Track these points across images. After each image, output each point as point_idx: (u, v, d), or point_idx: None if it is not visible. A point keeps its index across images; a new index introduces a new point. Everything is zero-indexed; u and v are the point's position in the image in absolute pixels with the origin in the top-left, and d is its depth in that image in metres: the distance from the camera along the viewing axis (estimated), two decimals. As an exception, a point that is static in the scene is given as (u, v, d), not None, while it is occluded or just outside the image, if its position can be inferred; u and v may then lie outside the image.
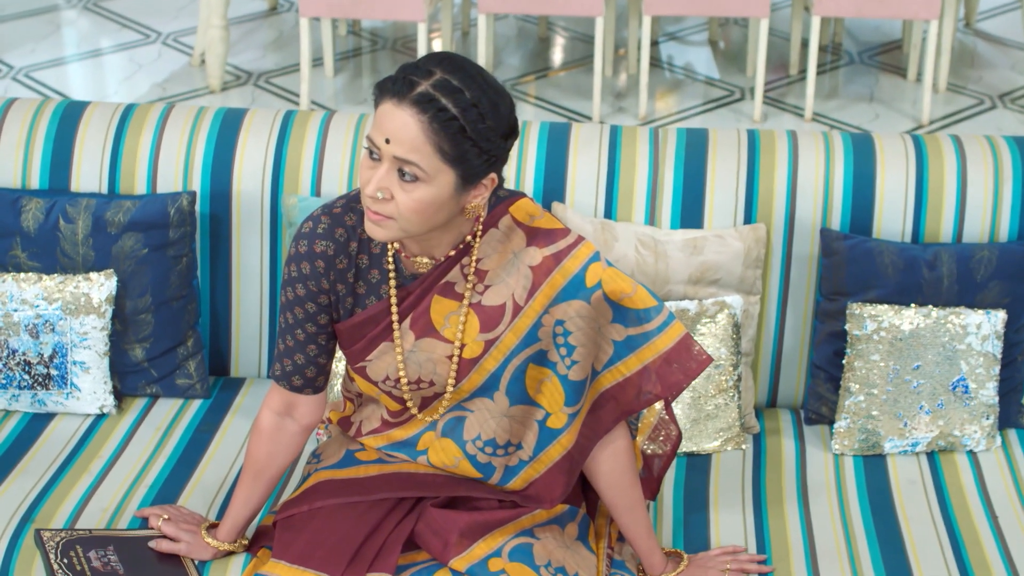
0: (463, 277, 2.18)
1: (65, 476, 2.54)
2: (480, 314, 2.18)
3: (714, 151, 2.78)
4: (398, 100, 1.96)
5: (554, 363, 2.19)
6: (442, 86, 1.96)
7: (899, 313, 2.63)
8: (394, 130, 1.96)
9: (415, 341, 2.20)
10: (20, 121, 2.82)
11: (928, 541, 2.42)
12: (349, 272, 2.18)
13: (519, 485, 2.27)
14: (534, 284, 2.16)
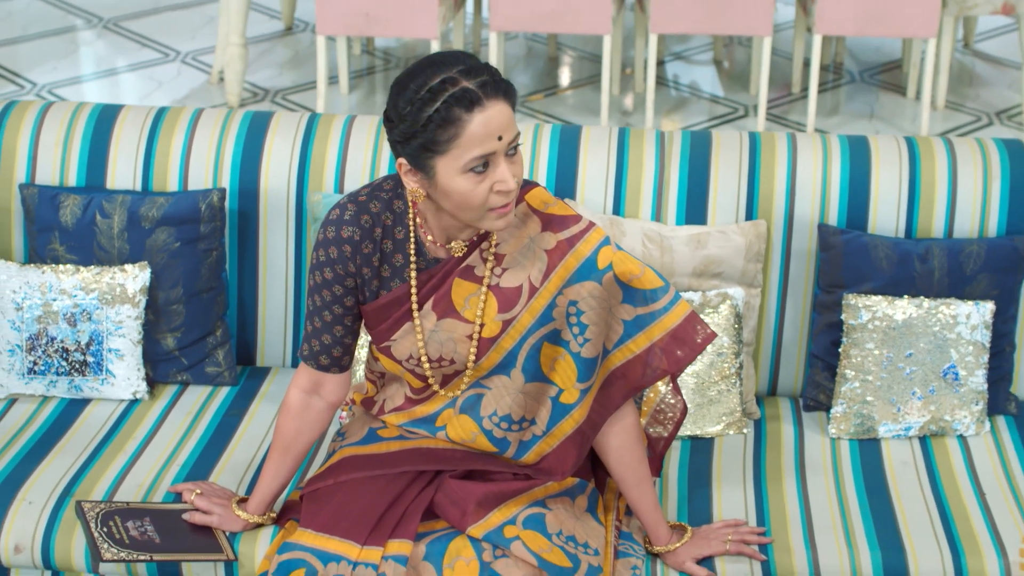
0: (482, 261, 2.33)
1: (101, 456, 2.68)
2: (498, 295, 2.33)
3: (717, 152, 2.92)
4: (487, 102, 2.12)
5: (567, 341, 2.33)
6: (495, 75, 2.15)
7: (892, 304, 2.77)
8: (502, 125, 2.13)
9: (437, 321, 2.35)
10: (58, 123, 2.97)
11: (919, 516, 2.55)
12: (374, 256, 2.33)
13: (532, 459, 2.41)
14: (549, 267, 2.31)
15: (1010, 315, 2.82)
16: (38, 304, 2.79)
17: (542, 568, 2.28)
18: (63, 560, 2.49)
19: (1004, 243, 2.81)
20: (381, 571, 2.27)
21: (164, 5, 6.83)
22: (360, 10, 5.17)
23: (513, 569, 2.27)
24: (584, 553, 2.34)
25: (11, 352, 2.81)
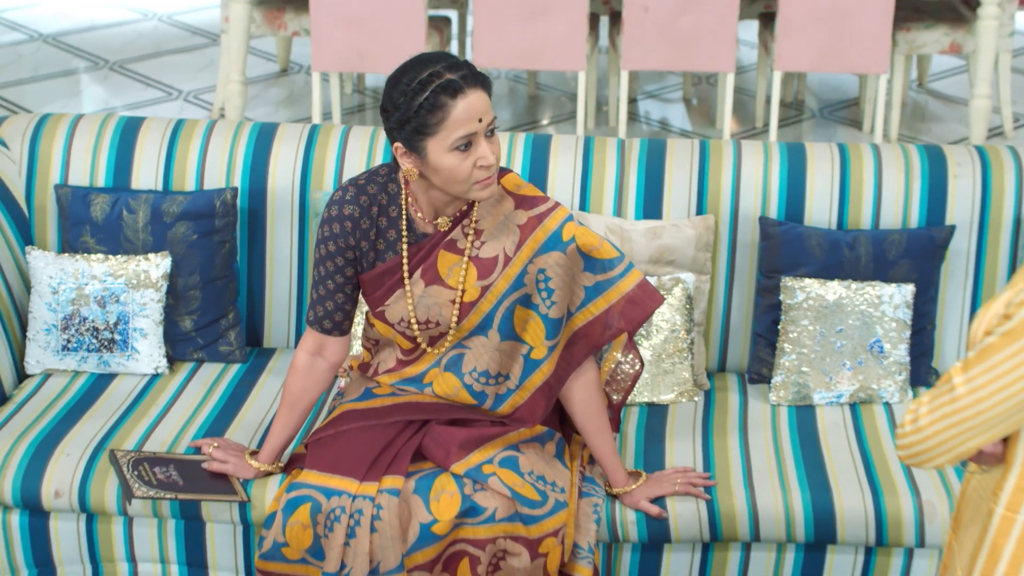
0: (464, 235, 2.71)
1: (128, 419, 3.04)
2: (478, 265, 2.71)
3: (671, 156, 3.32)
4: (467, 90, 2.52)
5: (536, 305, 2.71)
6: (470, 68, 2.55)
7: (824, 285, 3.15)
8: (480, 109, 2.53)
9: (425, 288, 2.73)
10: (88, 132, 3.36)
11: (846, 465, 2.92)
12: (371, 231, 2.71)
13: (507, 410, 2.78)
14: (521, 239, 2.69)
15: (929, 296, 3.20)
16: (72, 288, 3.16)
17: (515, 499, 2.64)
18: (97, 504, 2.85)
19: (923, 233, 3.19)
20: (377, 502, 2.64)
21: (166, 49, 7.23)
22: (353, 48, 5.57)
23: (490, 499, 2.64)
24: (552, 490, 2.70)
25: (47, 331, 3.18)
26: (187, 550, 2.91)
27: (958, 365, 1.80)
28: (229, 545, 2.90)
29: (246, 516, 2.83)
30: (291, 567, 2.68)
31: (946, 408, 1.80)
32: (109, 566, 2.94)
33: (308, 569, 2.68)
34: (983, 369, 1.76)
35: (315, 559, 2.66)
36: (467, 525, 2.63)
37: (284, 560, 2.68)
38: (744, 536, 2.83)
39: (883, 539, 2.82)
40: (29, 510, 2.91)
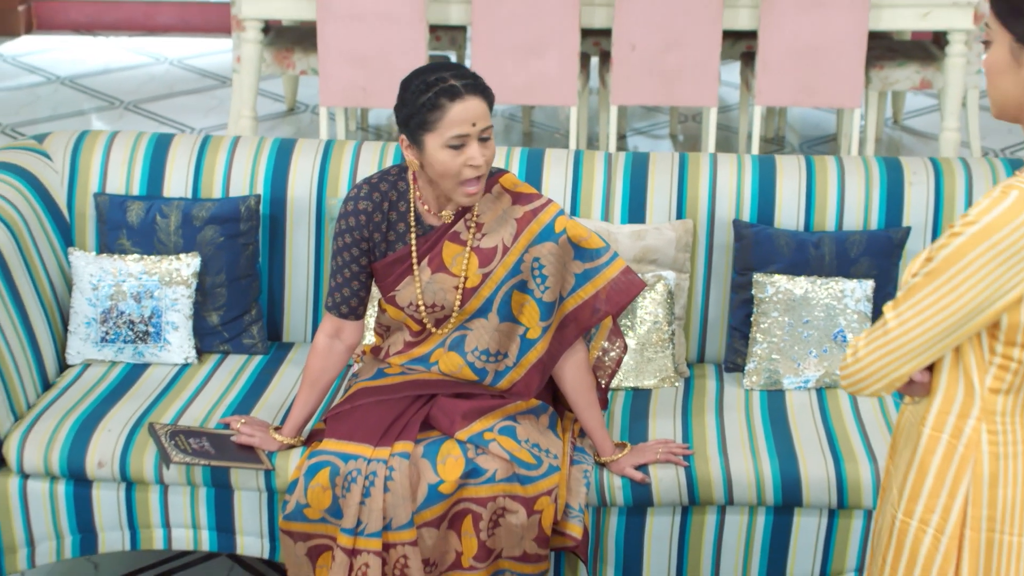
0: (466, 228, 3.05)
1: (162, 401, 3.36)
2: (479, 254, 3.04)
3: (653, 167, 3.65)
4: (468, 96, 2.87)
5: (531, 290, 3.04)
6: (475, 79, 2.88)
7: (792, 281, 3.48)
8: (475, 114, 2.87)
9: (431, 275, 3.06)
10: (123, 147, 3.69)
11: (811, 438, 3.24)
12: (383, 224, 3.04)
13: (505, 385, 3.10)
14: (518, 231, 3.03)
15: (888, 291, 3.53)
16: (110, 285, 3.49)
17: (513, 462, 2.96)
18: (136, 473, 3.17)
19: (882, 234, 3.53)
20: (389, 464, 2.95)
21: (177, 90, 7.59)
22: (358, 84, 5.92)
23: (490, 462, 2.96)
24: (546, 456, 3.02)
25: (87, 324, 3.50)
26: (216, 516, 3.22)
27: (890, 304, 2.13)
28: (255, 511, 3.21)
29: (271, 484, 3.15)
30: (312, 526, 2.99)
31: (880, 340, 2.12)
32: (146, 531, 3.25)
33: (327, 527, 2.99)
34: (909, 305, 2.09)
35: (333, 518, 2.97)
36: (470, 485, 2.95)
37: (306, 520, 2.98)
38: (719, 500, 3.14)
39: (844, 502, 3.14)
40: (74, 480, 3.21)
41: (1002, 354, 2.09)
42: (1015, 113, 2.09)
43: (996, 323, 2.07)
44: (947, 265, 2.04)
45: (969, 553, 2.15)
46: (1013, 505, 2.13)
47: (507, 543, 2.97)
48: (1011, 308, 2.04)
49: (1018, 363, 2.09)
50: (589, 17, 6.02)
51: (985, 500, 2.13)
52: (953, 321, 2.06)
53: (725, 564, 3.20)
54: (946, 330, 2.07)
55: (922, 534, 2.18)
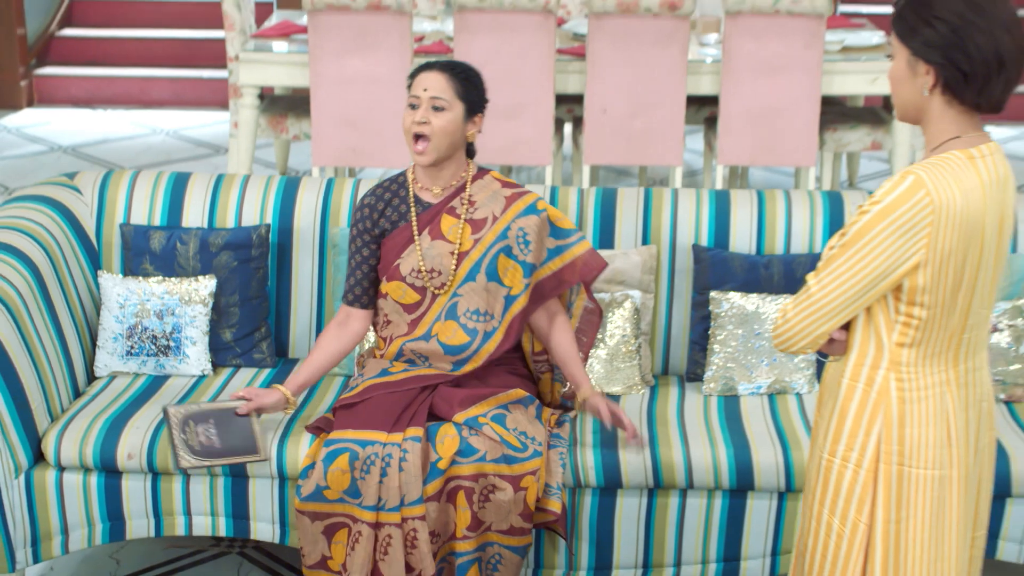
0: (461, 204, 3.54)
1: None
2: (472, 224, 3.53)
3: (621, 200, 4.09)
4: (430, 69, 3.47)
5: (516, 255, 3.54)
6: (453, 62, 3.43)
7: (745, 298, 3.91)
8: (429, 83, 3.45)
9: (431, 242, 3.54)
10: (146, 183, 4.12)
11: (762, 432, 3.65)
12: (386, 210, 3.57)
13: (491, 346, 3.53)
14: (506, 205, 3.55)
15: (830, 308, 3.96)
16: (135, 303, 3.89)
17: (501, 443, 3.37)
18: (162, 464, 3.55)
19: (824, 257, 3.96)
20: (403, 447, 3.35)
21: (174, 158, 8.03)
22: (348, 145, 6.37)
23: (481, 443, 3.36)
24: (531, 443, 3.43)
25: (114, 339, 3.90)
26: (233, 503, 3.60)
27: (812, 273, 2.56)
28: (267, 499, 3.59)
29: (283, 471, 3.53)
30: (330, 506, 3.37)
31: (804, 303, 2.55)
32: (169, 519, 3.63)
33: (345, 507, 3.37)
34: (827, 272, 2.52)
35: (351, 498, 3.36)
36: (462, 464, 3.35)
37: (324, 500, 3.36)
38: (681, 483, 3.54)
39: (792, 486, 3.54)
40: (105, 472, 3.60)
41: (905, 313, 2.52)
42: (914, 115, 2.54)
43: (899, 286, 2.50)
44: (857, 238, 2.47)
45: (883, 484, 2.57)
46: (919, 443, 2.54)
47: (495, 517, 3.37)
48: (910, 273, 2.47)
49: (918, 320, 2.51)
50: (563, 83, 6.49)
51: (895, 438, 2.55)
52: (863, 284, 2.49)
53: (687, 542, 3.59)
54: (858, 292, 2.50)
55: (844, 469, 2.59)
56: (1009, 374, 3.85)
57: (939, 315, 2.51)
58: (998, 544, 3.61)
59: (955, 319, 2.53)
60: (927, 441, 2.55)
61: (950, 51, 2.43)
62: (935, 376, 2.56)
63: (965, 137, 2.49)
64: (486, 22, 6.26)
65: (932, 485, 2.56)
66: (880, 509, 2.58)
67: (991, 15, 2.41)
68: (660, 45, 6.29)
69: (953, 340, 2.55)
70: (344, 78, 6.31)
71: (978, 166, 2.47)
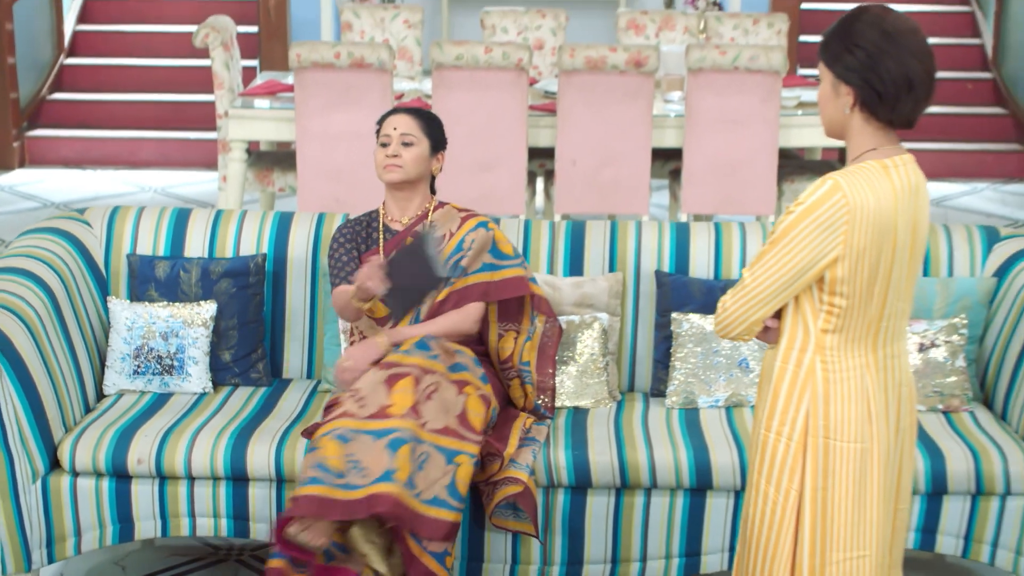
0: (423, 228, 3.91)
1: (187, 417, 4.06)
2: None
3: (590, 231, 4.45)
4: (397, 113, 3.95)
5: (458, 260, 3.94)
6: (416, 108, 3.88)
7: (704, 319, 4.26)
8: (398, 123, 3.94)
9: None
10: (151, 217, 4.46)
11: (719, 437, 3.98)
12: (358, 238, 3.97)
13: None
14: (461, 223, 3.98)
15: (782, 328, 4.31)
16: (142, 326, 4.22)
17: (454, 354, 3.85)
18: (169, 469, 3.87)
19: (776, 282, 4.32)
20: None
21: (163, 214, 8.35)
22: (332, 195, 6.73)
23: (436, 345, 3.83)
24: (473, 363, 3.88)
25: (122, 359, 4.22)
26: (234, 506, 3.91)
27: (747, 267, 2.91)
28: (266, 501, 3.90)
29: (280, 473, 3.85)
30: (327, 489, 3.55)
31: (740, 293, 2.90)
32: (175, 520, 3.93)
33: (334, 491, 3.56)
34: (759, 265, 2.87)
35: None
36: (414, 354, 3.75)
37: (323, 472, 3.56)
38: (646, 483, 3.87)
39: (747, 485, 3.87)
40: (116, 477, 3.90)
41: (828, 302, 2.88)
42: (838, 131, 2.91)
43: (822, 278, 2.86)
44: (784, 234, 2.84)
45: (811, 455, 2.91)
46: (842, 418, 2.89)
47: (432, 415, 3.61)
48: (831, 266, 2.84)
49: (839, 308, 2.87)
50: (535, 137, 6.88)
51: (821, 414, 2.90)
52: (790, 275, 2.85)
53: (652, 538, 3.91)
54: (786, 282, 2.86)
55: (778, 442, 2.94)
56: (946, 386, 4.20)
57: (857, 304, 2.87)
58: (936, 539, 3.94)
59: (872, 309, 2.89)
60: (849, 417, 2.90)
61: (866, 74, 2.80)
62: (856, 359, 2.91)
63: (881, 149, 2.86)
64: (463, 79, 6.64)
65: (854, 457, 2.91)
66: (808, 478, 2.92)
67: (902, 44, 2.79)
68: (626, 100, 6.69)
69: (871, 328, 2.91)
70: (328, 132, 6.68)
71: (891, 174, 2.84)
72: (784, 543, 2.95)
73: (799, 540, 2.94)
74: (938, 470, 3.86)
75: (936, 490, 3.89)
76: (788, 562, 2.95)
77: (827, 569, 2.93)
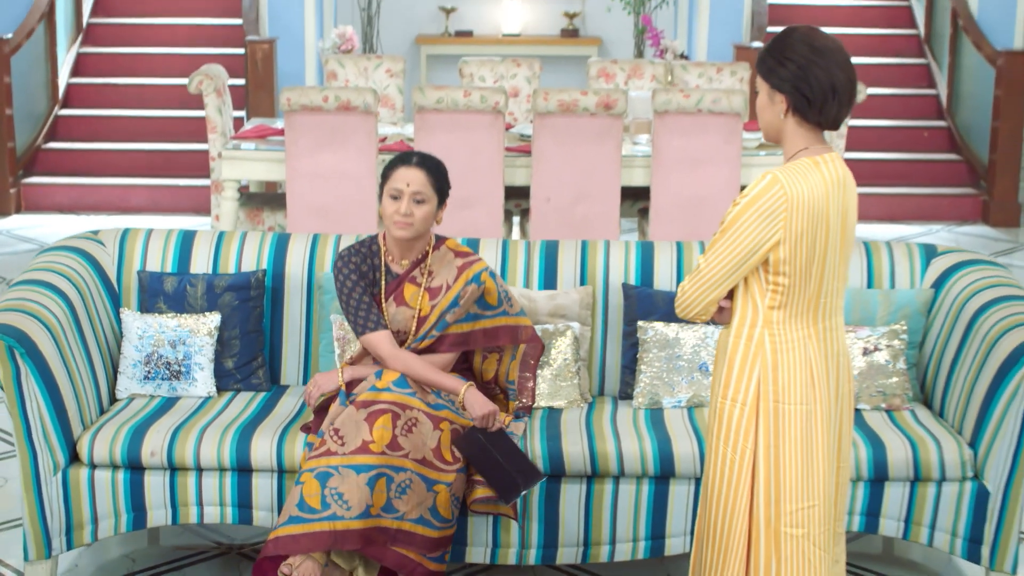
0: (421, 274, 4.23)
1: (194, 416, 4.43)
2: (429, 292, 4.22)
3: (562, 249, 4.86)
4: (410, 165, 4.15)
5: None
6: (425, 157, 4.10)
7: (667, 326, 4.66)
8: (411, 178, 4.15)
9: (396, 308, 4.22)
10: (159, 238, 4.85)
11: (680, 430, 4.37)
12: (363, 266, 4.24)
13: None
14: (457, 274, 4.23)
15: (738, 335, 4.71)
16: (152, 335, 4.60)
17: (430, 393, 4.16)
18: (179, 461, 4.24)
19: (733, 293, 4.73)
20: None
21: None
22: (319, 230, 7.11)
23: (412, 383, 4.13)
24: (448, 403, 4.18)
25: (134, 365, 4.60)
26: (238, 495, 4.28)
27: (701, 254, 3.32)
28: (268, 490, 4.27)
29: (281, 464, 4.22)
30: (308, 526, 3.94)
31: (695, 277, 3.31)
32: (184, 509, 4.30)
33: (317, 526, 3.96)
34: (711, 251, 3.28)
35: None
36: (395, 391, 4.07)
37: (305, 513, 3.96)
38: (614, 471, 4.25)
39: (706, 472, 4.26)
40: (131, 469, 4.27)
41: (772, 282, 3.29)
42: (775, 135, 3.34)
43: (767, 261, 3.27)
44: (731, 224, 3.25)
45: (763, 417, 3.31)
46: (789, 384, 3.29)
47: (412, 446, 3.98)
48: (773, 249, 3.25)
49: (783, 287, 3.28)
50: (512, 176, 7.30)
51: (771, 380, 3.30)
52: (739, 259, 3.25)
53: (620, 522, 4.29)
54: (735, 265, 3.26)
55: (733, 408, 3.34)
56: (888, 386, 4.60)
57: (798, 283, 3.28)
58: (879, 522, 4.33)
59: (812, 287, 3.30)
60: (795, 383, 3.30)
61: (798, 83, 3.23)
62: (799, 332, 3.32)
63: (812, 148, 3.29)
64: (443, 121, 7.08)
65: (801, 418, 3.31)
66: (761, 438, 3.32)
67: (828, 58, 3.22)
68: (597, 141, 7.13)
69: (811, 304, 3.32)
70: (316, 172, 7.09)
71: (822, 169, 3.26)
72: (742, 497, 3.34)
73: (755, 494, 3.34)
74: (879, 459, 4.26)
75: (878, 476, 4.28)
76: (746, 514, 3.34)
77: (781, 519, 3.32)
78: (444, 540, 4.03)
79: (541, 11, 13.43)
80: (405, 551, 3.97)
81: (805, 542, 3.33)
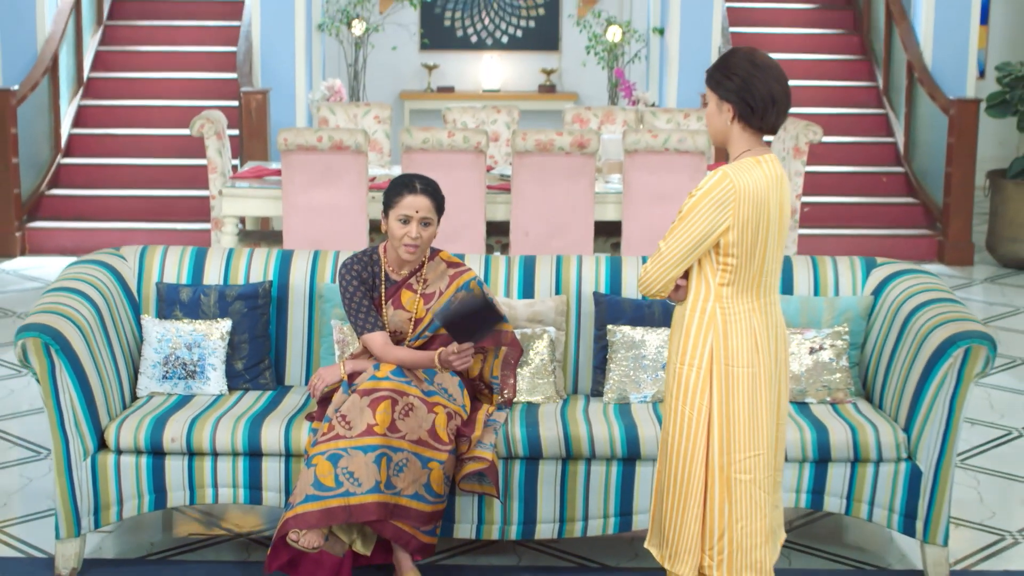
0: (417, 282, 4.75)
1: (208, 410, 4.93)
2: (424, 298, 4.74)
3: (539, 263, 5.39)
4: (416, 192, 4.66)
5: None
6: (427, 183, 4.64)
7: (634, 330, 5.18)
8: (419, 205, 4.65)
9: (393, 311, 4.73)
10: (175, 253, 5.37)
11: (645, 419, 4.88)
12: (363, 275, 4.74)
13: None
14: (449, 282, 4.75)
15: (698, 338, 5.24)
16: (170, 338, 5.10)
17: (424, 381, 4.63)
18: (197, 446, 4.73)
19: (693, 301, 5.26)
20: None
21: (156, 291, 9.23)
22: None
23: (409, 372, 4.60)
24: (443, 392, 4.67)
25: (153, 366, 5.10)
26: (249, 477, 4.77)
27: (662, 240, 3.85)
28: (276, 473, 4.76)
29: (288, 448, 4.72)
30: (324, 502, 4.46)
31: (656, 259, 3.84)
32: (200, 491, 4.78)
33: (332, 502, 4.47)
34: (671, 236, 3.81)
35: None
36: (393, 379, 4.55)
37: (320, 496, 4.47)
38: (586, 454, 4.76)
39: (668, 454, 4.77)
40: (153, 454, 4.76)
41: (722, 262, 3.82)
42: (722, 139, 3.88)
43: (718, 244, 3.80)
44: (688, 212, 3.79)
45: (716, 379, 3.83)
46: (737, 350, 3.82)
47: (408, 428, 4.46)
48: (724, 234, 3.78)
49: (731, 266, 3.81)
50: (493, 212, 7.84)
51: (722, 346, 3.83)
52: (694, 242, 3.78)
53: (592, 500, 4.79)
54: (691, 247, 3.79)
55: (690, 371, 3.86)
56: (832, 382, 5.13)
57: (744, 263, 3.81)
58: (824, 499, 4.84)
59: (755, 266, 3.83)
60: (742, 348, 3.83)
61: (742, 94, 3.78)
62: (745, 305, 3.85)
63: (754, 150, 3.83)
64: (428, 160, 7.62)
65: (747, 379, 3.83)
66: (715, 396, 3.84)
67: (766, 71, 3.78)
68: (572, 178, 7.67)
69: (755, 281, 3.85)
70: (311, 207, 7.62)
71: (763, 167, 3.81)
72: (698, 449, 3.86)
73: (710, 445, 3.86)
74: (823, 441, 4.77)
75: (822, 458, 4.79)
76: (703, 463, 3.86)
77: (732, 467, 3.84)
78: (436, 514, 4.53)
79: (520, 68, 14.06)
80: (401, 524, 4.46)
81: (752, 486, 3.85)
